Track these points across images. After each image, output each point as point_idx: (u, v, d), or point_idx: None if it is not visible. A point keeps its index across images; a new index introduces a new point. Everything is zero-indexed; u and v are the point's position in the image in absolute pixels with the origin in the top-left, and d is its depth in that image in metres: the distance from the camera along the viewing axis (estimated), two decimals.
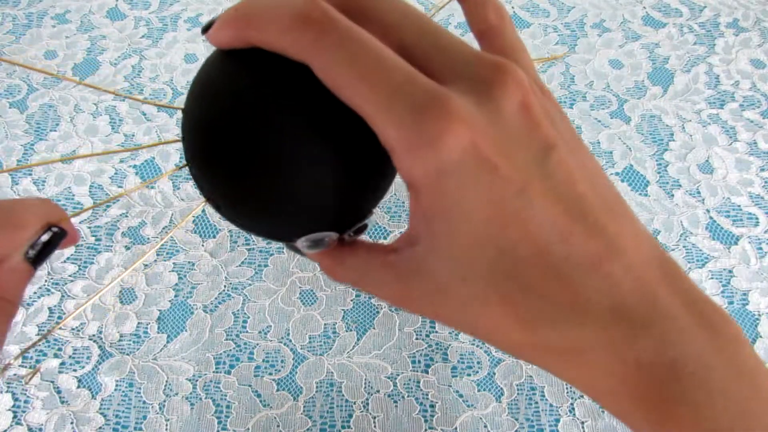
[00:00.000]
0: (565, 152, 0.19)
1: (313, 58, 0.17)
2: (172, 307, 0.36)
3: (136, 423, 0.33)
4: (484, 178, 0.17)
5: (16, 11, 0.52)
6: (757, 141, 0.45)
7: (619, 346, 0.18)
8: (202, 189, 0.20)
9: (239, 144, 0.17)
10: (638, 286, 0.18)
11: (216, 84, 0.18)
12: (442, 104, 0.17)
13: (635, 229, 0.20)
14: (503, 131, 0.18)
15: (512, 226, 0.18)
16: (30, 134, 0.44)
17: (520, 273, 0.18)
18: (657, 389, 0.18)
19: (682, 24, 0.53)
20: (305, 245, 0.21)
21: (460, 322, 0.20)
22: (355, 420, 0.33)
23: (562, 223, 0.18)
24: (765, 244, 0.40)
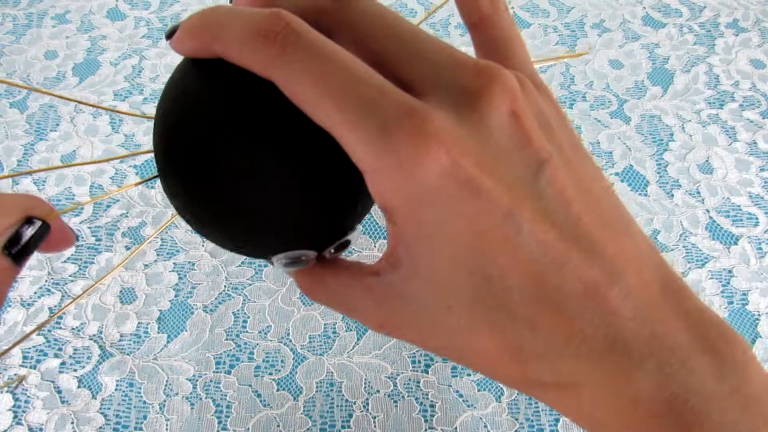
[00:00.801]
0: (559, 166, 0.17)
1: (275, 74, 0.16)
2: (172, 307, 0.36)
3: (137, 423, 0.33)
4: (466, 203, 0.15)
5: (16, 11, 0.52)
6: (757, 141, 0.45)
7: (616, 380, 0.17)
8: (171, 201, 0.19)
9: (197, 157, 0.16)
10: (637, 314, 0.17)
11: (177, 92, 0.17)
12: (416, 120, 0.15)
13: (636, 247, 0.18)
14: (489, 147, 0.16)
15: (500, 254, 0.16)
16: (30, 134, 0.44)
17: (509, 302, 0.16)
18: (656, 425, 0.17)
19: (682, 24, 0.53)
20: (281, 263, 0.19)
21: (448, 350, 0.19)
22: (355, 420, 0.33)
23: (555, 249, 0.16)
24: (765, 244, 0.40)
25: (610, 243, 0.17)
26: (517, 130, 0.17)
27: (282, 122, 0.16)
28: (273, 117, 0.16)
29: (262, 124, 0.16)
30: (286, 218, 0.17)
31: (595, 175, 0.19)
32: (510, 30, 0.21)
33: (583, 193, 0.18)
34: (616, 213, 0.19)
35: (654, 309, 0.17)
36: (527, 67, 0.20)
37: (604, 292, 0.16)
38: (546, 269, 0.16)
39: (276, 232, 0.18)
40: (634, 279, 0.17)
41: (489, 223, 0.16)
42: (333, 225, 0.19)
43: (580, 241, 0.17)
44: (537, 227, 0.16)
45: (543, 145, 0.17)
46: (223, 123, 0.16)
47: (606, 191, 0.19)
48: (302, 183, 0.17)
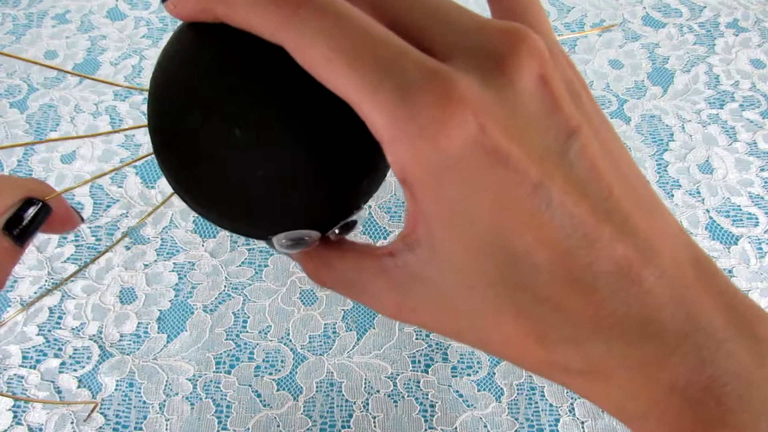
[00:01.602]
0: (590, 136, 0.16)
1: (285, 37, 0.14)
2: (172, 307, 0.36)
3: (137, 423, 0.33)
4: (492, 172, 0.14)
5: (16, 11, 0.52)
6: (757, 141, 0.45)
7: (650, 366, 0.16)
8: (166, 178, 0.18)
9: (189, 127, 0.15)
10: (673, 295, 0.16)
11: (171, 59, 0.16)
12: (440, 83, 0.14)
13: (669, 226, 0.17)
14: (517, 113, 0.15)
15: (527, 229, 0.15)
16: (30, 134, 0.44)
17: (536, 283, 0.15)
18: (692, 412, 0.16)
19: (682, 24, 0.53)
20: (282, 244, 0.18)
21: (470, 337, 0.18)
22: (355, 420, 0.33)
23: (586, 224, 0.15)
24: (765, 244, 0.40)
25: (642, 219, 0.16)
26: (547, 96, 0.15)
27: (283, 90, 0.15)
28: (273, 84, 0.15)
29: (261, 90, 0.15)
30: (285, 194, 0.16)
31: (623, 151, 0.18)
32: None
33: (613, 166, 0.16)
34: (646, 190, 0.17)
35: (689, 290, 0.16)
36: (549, 37, 0.18)
37: (638, 271, 0.15)
38: (576, 246, 0.15)
39: (275, 208, 0.17)
40: (668, 258, 0.16)
41: (516, 195, 0.14)
42: (337, 202, 0.17)
43: (613, 216, 0.15)
44: (567, 199, 0.15)
45: (573, 113, 0.16)
46: (217, 89, 0.15)
47: (633, 168, 0.18)
48: (305, 155, 0.16)
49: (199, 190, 0.17)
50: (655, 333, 0.15)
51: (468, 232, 0.15)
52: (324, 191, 0.17)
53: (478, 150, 0.14)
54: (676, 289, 0.16)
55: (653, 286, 0.15)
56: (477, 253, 0.16)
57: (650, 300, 0.15)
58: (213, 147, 0.15)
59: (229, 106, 0.15)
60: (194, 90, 0.15)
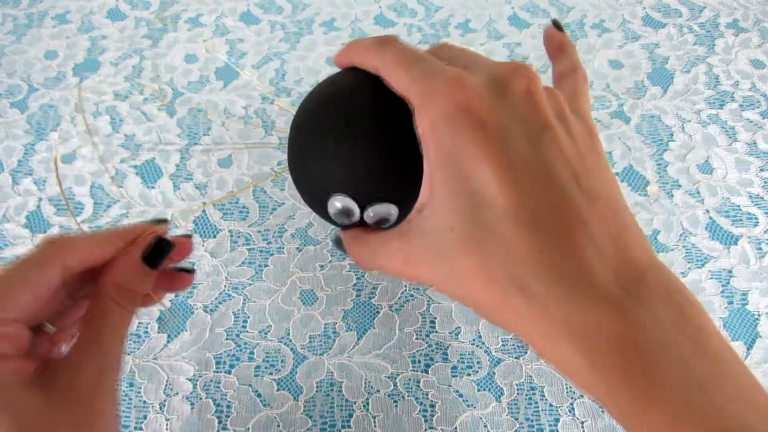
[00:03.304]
0: (563, 135, 0.21)
1: (377, 61, 0.23)
2: (173, 307, 0.36)
3: (137, 423, 0.33)
4: (474, 132, 0.20)
5: (16, 11, 0.52)
6: (757, 141, 0.45)
7: (584, 316, 0.19)
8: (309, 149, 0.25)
9: (322, 109, 0.25)
10: (606, 254, 0.19)
11: (331, 79, 0.26)
12: (454, 76, 0.21)
13: (617, 216, 0.21)
14: (502, 103, 0.21)
15: (494, 179, 0.20)
16: (30, 134, 0.44)
17: (496, 224, 0.20)
18: (622, 362, 0.18)
19: (682, 24, 0.53)
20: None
21: (447, 280, 0.21)
22: (355, 420, 0.33)
23: (544, 182, 0.20)
24: (764, 244, 0.40)
25: (597, 196, 0.21)
26: (530, 102, 0.21)
27: (376, 100, 0.24)
28: (379, 96, 0.23)
29: (371, 103, 0.24)
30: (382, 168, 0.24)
31: (602, 170, 0.22)
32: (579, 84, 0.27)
33: (582, 162, 0.21)
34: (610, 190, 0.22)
35: (621, 252, 0.20)
36: (581, 108, 0.25)
37: (584, 229, 0.19)
38: (533, 199, 0.20)
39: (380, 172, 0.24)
40: (612, 225, 0.20)
41: (490, 151, 0.20)
42: (381, 182, 0.24)
43: (568, 184, 0.20)
44: (533, 165, 0.20)
45: (549, 115, 0.21)
46: (348, 96, 0.24)
47: (606, 183, 0.22)
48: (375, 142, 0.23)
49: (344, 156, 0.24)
50: (589, 286, 0.19)
51: (453, 178, 0.20)
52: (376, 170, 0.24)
53: (468, 115, 0.20)
54: (609, 249, 0.20)
55: (598, 242, 0.19)
56: (458, 196, 0.20)
57: (586, 256, 0.19)
58: (354, 128, 0.24)
59: (346, 107, 0.24)
60: (336, 97, 0.25)
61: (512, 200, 0.19)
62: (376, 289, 0.37)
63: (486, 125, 0.20)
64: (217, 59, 0.49)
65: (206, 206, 0.40)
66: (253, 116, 0.45)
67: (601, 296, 0.19)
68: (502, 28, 0.52)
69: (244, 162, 0.42)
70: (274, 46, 0.50)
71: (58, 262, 0.23)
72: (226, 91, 0.47)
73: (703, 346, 0.19)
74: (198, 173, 0.42)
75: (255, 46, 0.50)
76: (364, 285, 0.37)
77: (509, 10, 0.54)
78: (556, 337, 0.19)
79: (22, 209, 0.40)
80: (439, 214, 0.21)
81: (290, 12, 0.53)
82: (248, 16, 0.52)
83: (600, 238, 0.20)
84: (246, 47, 0.50)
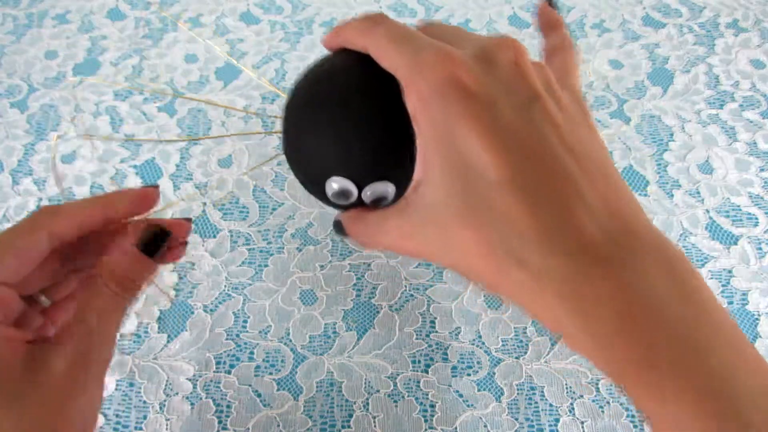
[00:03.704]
0: (552, 105, 0.22)
1: (365, 40, 0.23)
2: (173, 307, 0.36)
3: (137, 423, 0.33)
4: (464, 104, 0.20)
5: (16, 11, 0.52)
6: (757, 141, 0.45)
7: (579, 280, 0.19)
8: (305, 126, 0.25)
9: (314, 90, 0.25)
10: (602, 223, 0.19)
11: (321, 62, 0.26)
12: (440, 48, 0.21)
13: (609, 179, 0.21)
14: (490, 75, 0.21)
15: (485, 150, 0.20)
16: (30, 134, 0.44)
17: (490, 197, 0.20)
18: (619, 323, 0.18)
19: (682, 24, 0.53)
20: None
21: (442, 253, 0.22)
22: (355, 420, 0.33)
23: (536, 151, 0.20)
24: (765, 244, 0.40)
25: (589, 164, 0.21)
26: (518, 73, 0.21)
27: (375, 82, 0.23)
28: (370, 76, 0.23)
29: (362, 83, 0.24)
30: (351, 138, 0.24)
31: (593, 139, 0.23)
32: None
33: (573, 131, 0.21)
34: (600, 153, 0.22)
35: (615, 217, 0.20)
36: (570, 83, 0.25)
37: (573, 195, 0.20)
38: (524, 166, 0.20)
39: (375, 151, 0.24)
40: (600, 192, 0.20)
41: (480, 122, 0.20)
42: (376, 160, 0.24)
43: (559, 152, 0.20)
44: (522, 133, 0.20)
45: (538, 86, 0.22)
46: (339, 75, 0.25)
47: (598, 151, 0.22)
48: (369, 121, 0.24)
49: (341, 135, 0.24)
50: (584, 252, 0.19)
51: (446, 152, 0.21)
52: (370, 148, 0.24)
53: (457, 88, 0.20)
54: (603, 222, 0.20)
55: (593, 208, 0.20)
56: (451, 170, 0.20)
57: (581, 222, 0.19)
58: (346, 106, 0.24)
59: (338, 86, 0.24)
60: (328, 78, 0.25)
61: (505, 171, 0.19)
62: (376, 289, 0.37)
63: (475, 97, 0.20)
64: (217, 59, 0.49)
65: (205, 207, 0.40)
66: (253, 116, 0.45)
67: (594, 260, 0.19)
68: (502, 28, 0.52)
69: (245, 162, 0.42)
70: (274, 46, 0.50)
71: (45, 228, 0.24)
72: (226, 91, 0.47)
73: (694, 301, 0.19)
74: (198, 173, 0.42)
75: (255, 46, 0.50)
76: (364, 285, 0.37)
77: (509, 10, 0.54)
78: (551, 301, 0.19)
79: (22, 209, 0.40)
80: (435, 190, 0.21)
81: (290, 12, 0.53)
82: (248, 16, 0.52)
83: (593, 204, 0.20)
84: (246, 47, 0.50)
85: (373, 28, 0.23)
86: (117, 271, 0.25)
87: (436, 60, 0.21)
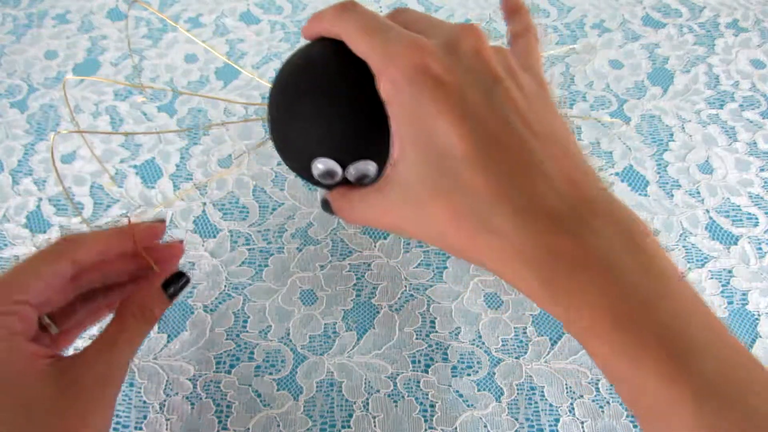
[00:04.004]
0: (513, 87, 0.24)
1: (339, 27, 0.25)
2: (172, 307, 0.36)
3: (137, 423, 0.33)
4: (434, 90, 0.22)
5: (16, 11, 0.52)
6: (757, 141, 0.45)
7: (539, 238, 0.21)
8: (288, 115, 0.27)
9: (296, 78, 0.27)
10: (561, 187, 0.22)
11: (301, 52, 0.28)
12: (409, 38, 0.23)
13: (564, 144, 0.23)
14: (456, 61, 0.23)
15: (452, 130, 0.22)
16: (30, 134, 0.44)
17: (457, 171, 0.22)
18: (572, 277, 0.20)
19: (682, 24, 0.53)
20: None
21: (417, 226, 0.24)
22: (355, 420, 0.33)
23: (496, 130, 0.22)
24: (765, 244, 0.40)
25: (547, 137, 0.23)
26: (481, 59, 0.23)
27: (352, 67, 0.25)
28: (346, 63, 0.25)
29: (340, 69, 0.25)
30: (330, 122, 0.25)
31: (551, 115, 0.24)
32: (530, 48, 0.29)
33: (531, 108, 0.23)
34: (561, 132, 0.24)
35: (572, 185, 0.22)
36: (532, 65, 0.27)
37: (533, 165, 0.22)
38: (487, 143, 0.22)
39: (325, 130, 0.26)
40: (558, 162, 0.22)
41: (447, 105, 0.22)
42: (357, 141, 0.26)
43: (519, 128, 0.22)
44: (486, 113, 0.22)
45: (498, 70, 0.24)
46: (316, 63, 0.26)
47: (555, 126, 0.24)
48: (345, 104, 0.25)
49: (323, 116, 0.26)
50: (543, 216, 0.21)
51: (418, 133, 0.23)
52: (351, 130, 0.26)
53: (426, 75, 0.22)
54: (561, 189, 0.22)
55: (542, 182, 0.21)
56: (423, 150, 0.22)
57: (540, 190, 0.21)
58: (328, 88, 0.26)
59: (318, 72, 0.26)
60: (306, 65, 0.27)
61: (470, 148, 0.21)
62: (376, 289, 0.37)
63: (443, 83, 0.22)
64: (216, 59, 0.49)
65: (205, 207, 0.40)
66: (254, 115, 0.45)
67: (552, 222, 0.21)
68: (502, 28, 0.52)
69: (245, 162, 0.42)
70: (274, 46, 0.50)
71: (69, 255, 0.26)
72: (226, 91, 0.47)
73: (647, 265, 0.21)
74: (198, 173, 0.42)
75: (255, 46, 0.50)
76: (364, 285, 0.37)
77: None
78: (516, 263, 0.21)
79: (22, 209, 0.40)
80: (409, 168, 0.23)
81: (290, 12, 0.53)
82: (248, 16, 0.52)
83: (551, 174, 0.22)
84: (246, 47, 0.50)
85: (345, 16, 0.25)
86: (141, 303, 0.28)
87: (406, 49, 0.22)
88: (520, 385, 0.34)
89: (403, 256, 0.39)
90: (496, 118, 0.22)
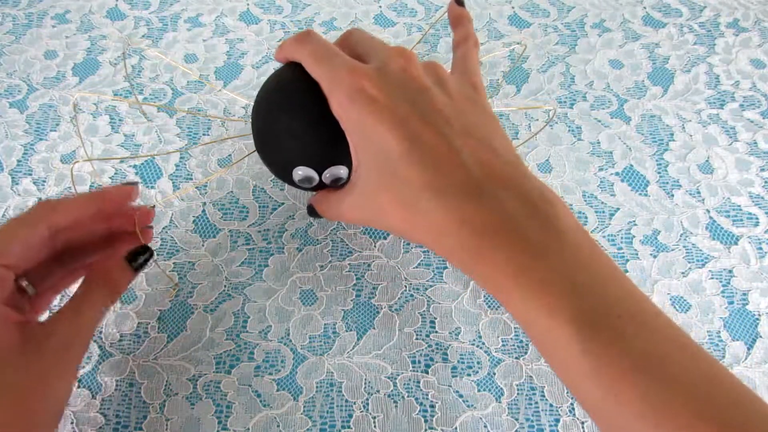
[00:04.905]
0: (438, 94, 0.29)
1: (298, 56, 0.31)
2: (172, 307, 0.36)
3: (137, 423, 0.33)
4: (370, 106, 0.27)
5: (16, 11, 0.52)
6: (757, 141, 0.45)
7: (456, 212, 0.25)
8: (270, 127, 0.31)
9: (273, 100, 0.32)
10: (478, 172, 0.26)
11: (275, 75, 0.33)
12: (353, 67, 0.29)
13: (480, 135, 0.28)
14: (387, 80, 0.28)
15: (388, 136, 0.27)
16: (30, 134, 0.44)
17: (395, 168, 0.27)
18: (480, 242, 0.25)
19: (682, 24, 0.53)
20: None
21: (374, 215, 0.29)
22: (355, 420, 0.33)
23: (422, 130, 0.27)
24: (765, 244, 0.40)
25: (467, 132, 0.28)
26: (405, 74, 0.29)
27: (315, 86, 0.30)
28: (312, 84, 0.30)
29: (309, 88, 0.30)
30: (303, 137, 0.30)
31: (475, 113, 0.29)
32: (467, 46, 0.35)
33: (455, 108, 0.29)
34: (480, 125, 0.29)
35: (487, 170, 0.26)
36: (470, 73, 0.33)
37: (453, 155, 0.26)
38: (416, 143, 0.27)
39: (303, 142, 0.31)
40: (476, 151, 0.27)
41: (383, 116, 0.27)
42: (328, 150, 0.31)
43: (441, 126, 0.27)
44: (412, 119, 0.27)
45: (425, 81, 0.29)
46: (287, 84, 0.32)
47: (480, 122, 0.29)
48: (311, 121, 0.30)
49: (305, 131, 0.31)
50: (459, 192, 0.26)
51: (365, 142, 0.28)
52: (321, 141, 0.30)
53: (362, 94, 0.28)
54: (476, 173, 0.26)
55: (460, 168, 0.26)
56: (371, 155, 0.28)
57: (457, 174, 0.26)
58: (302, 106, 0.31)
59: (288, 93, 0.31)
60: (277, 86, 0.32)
61: (404, 149, 0.26)
62: (376, 289, 0.37)
63: (377, 100, 0.27)
64: (216, 59, 0.49)
65: (205, 207, 0.40)
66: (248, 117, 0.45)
67: (464, 197, 0.25)
68: (502, 28, 0.52)
69: (245, 162, 0.42)
70: (274, 46, 0.50)
71: (45, 220, 0.28)
72: (226, 91, 0.47)
73: (546, 226, 0.25)
74: (198, 173, 0.42)
75: (255, 46, 0.50)
76: (364, 285, 0.37)
77: (509, 9, 0.54)
78: (441, 236, 0.26)
79: (22, 209, 0.40)
80: (364, 171, 0.29)
81: (290, 12, 0.53)
82: (248, 15, 0.52)
83: (467, 161, 0.26)
84: (246, 47, 0.50)
85: (301, 46, 0.30)
86: (109, 275, 0.30)
87: (346, 75, 0.28)
88: (520, 385, 0.34)
89: (403, 256, 0.39)
90: (422, 122, 0.27)
